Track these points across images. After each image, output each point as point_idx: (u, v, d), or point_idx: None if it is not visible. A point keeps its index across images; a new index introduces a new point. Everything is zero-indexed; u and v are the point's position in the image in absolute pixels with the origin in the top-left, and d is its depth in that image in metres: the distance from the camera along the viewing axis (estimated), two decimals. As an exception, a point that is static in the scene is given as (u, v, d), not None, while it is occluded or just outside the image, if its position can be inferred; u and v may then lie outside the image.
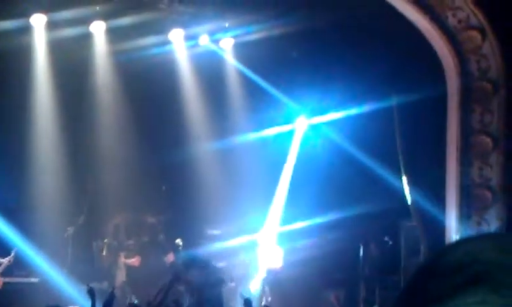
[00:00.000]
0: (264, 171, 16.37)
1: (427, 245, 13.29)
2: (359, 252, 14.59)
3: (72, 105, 15.20)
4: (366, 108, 15.00)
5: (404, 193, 13.84)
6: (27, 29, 14.61)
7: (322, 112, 16.18)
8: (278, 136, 16.66)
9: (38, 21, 14.56)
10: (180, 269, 11.51)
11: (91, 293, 9.53)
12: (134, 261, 13.79)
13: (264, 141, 16.49)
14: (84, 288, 9.90)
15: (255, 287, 14.15)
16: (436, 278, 0.89)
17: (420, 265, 0.95)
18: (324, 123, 16.32)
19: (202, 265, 11.64)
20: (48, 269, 14.09)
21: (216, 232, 15.79)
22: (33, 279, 13.81)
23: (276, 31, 14.76)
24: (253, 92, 16.21)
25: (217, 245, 15.32)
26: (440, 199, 12.22)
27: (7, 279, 12.61)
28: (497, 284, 0.85)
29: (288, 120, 16.68)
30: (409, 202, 13.74)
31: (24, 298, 12.93)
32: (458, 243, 0.93)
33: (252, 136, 16.47)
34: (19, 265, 13.23)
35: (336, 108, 15.84)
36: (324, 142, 16.23)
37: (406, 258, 14.32)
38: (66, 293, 13.33)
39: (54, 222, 14.83)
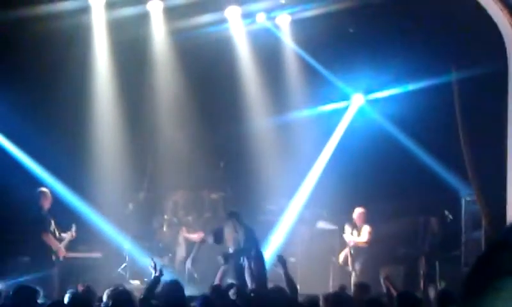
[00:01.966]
0: (320, 146, 16.40)
1: (488, 220, 13.19)
2: (419, 227, 14.51)
3: (130, 84, 15.38)
4: (424, 84, 14.89)
5: (464, 168, 13.75)
6: (85, 9, 14.79)
7: (379, 88, 16.10)
8: (335, 112, 16.64)
9: (96, 1, 14.73)
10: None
11: (155, 267, 9.65)
12: (196, 236, 13.92)
13: (320, 117, 16.49)
14: (149, 262, 10.03)
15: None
16: (507, 253, 0.91)
17: (495, 239, 0.97)
18: (380, 99, 16.25)
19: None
20: (111, 244, 14.37)
21: (274, 207, 15.86)
22: (96, 254, 14.07)
23: (332, 7, 14.70)
24: (309, 69, 16.20)
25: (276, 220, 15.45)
26: (500, 175, 12.11)
27: (70, 254, 12.83)
28: None
29: (344, 96, 16.64)
30: (470, 177, 13.64)
31: (87, 272, 13.19)
32: None
33: (308, 112, 16.48)
34: (82, 240, 13.47)
35: (394, 84, 15.75)
36: (378, 118, 16.16)
37: (467, 233, 14.23)
38: (129, 268, 13.58)
39: (115, 199, 15.08)
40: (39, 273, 11.80)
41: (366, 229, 13.95)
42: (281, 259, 10.08)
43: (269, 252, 14.26)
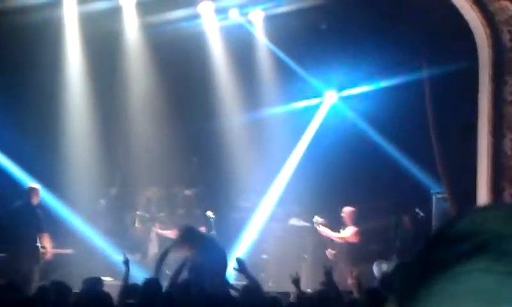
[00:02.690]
0: (293, 143, 16.44)
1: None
2: (391, 224, 14.59)
3: (102, 78, 15.30)
4: (397, 81, 14.98)
5: (435, 165, 13.86)
6: (57, 3, 14.70)
7: (352, 85, 16.16)
8: (307, 109, 16.67)
9: (68, -5, 14.65)
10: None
11: (127, 263, 9.65)
12: (170, 233, 13.88)
13: (293, 114, 16.52)
14: (119, 259, 10.02)
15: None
16: (442, 246, 0.91)
17: (430, 235, 0.98)
18: (352, 96, 16.32)
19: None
20: (82, 240, 14.29)
21: (247, 204, 15.86)
22: (68, 251, 14.01)
23: (305, 3, 14.74)
24: (282, 65, 16.22)
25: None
26: (471, 172, 12.21)
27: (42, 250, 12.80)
28: (500, 252, 0.88)
29: (317, 93, 16.68)
30: (440, 174, 13.76)
31: (60, 269, 13.12)
32: (466, 213, 0.95)
33: (281, 109, 16.50)
34: (54, 236, 13.39)
35: (366, 81, 15.82)
36: (351, 116, 16.24)
37: (438, 230, 14.31)
38: (101, 264, 13.51)
39: (86, 195, 15.00)
40: (20, 269, 11.79)
41: (351, 229, 13.97)
42: (240, 262, 9.81)
43: (241, 249, 14.29)
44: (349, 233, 13.94)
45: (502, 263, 0.88)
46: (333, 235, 14.04)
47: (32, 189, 12.86)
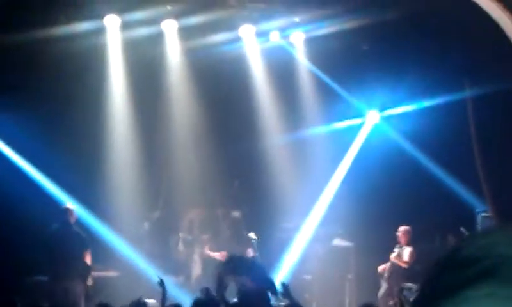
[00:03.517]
0: (335, 163, 16.41)
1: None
2: (436, 244, 14.45)
3: (145, 102, 15.47)
4: (439, 100, 14.88)
5: (479, 184, 13.71)
6: (101, 31, 14.92)
7: (394, 105, 16.10)
8: (350, 129, 16.65)
9: (111, 22, 14.86)
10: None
11: (162, 285, 9.68)
12: (219, 255, 13.86)
13: (335, 134, 16.51)
14: (157, 280, 10.09)
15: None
16: (449, 271, 0.93)
17: (438, 259, 1.00)
18: (394, 116, 16.25)
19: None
20: (126, 263, 14.41)
21: (289, 225, 15.85)
22: (112, 273, 14.13)
23: (346, 25, 14.74)
24: (323, 86, 16.24)
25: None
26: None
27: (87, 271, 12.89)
28: (506, 277, 0.89)
29: (359, 113, 16.65)
30: (485, 192, 13.60)
31: (104, 291, 13.22)
32: (474, 237, 0.97)
33: (323, 129, 16.50)
34: (98, 259, 13.53)
35: (408, 101, 15.75)
36: (393, 135, 16.16)
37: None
38: (144, 286, 13.60)
39: (130, 218, 15.14)
40: (66, 292, 11.88)
41: (408, 250, 13.79)
42: (284, 287, 9.82)
43: (284, 270, 14.27)
44: (409, 256, 13.71)
45: (506, 287, 0.90)
46: (397, 262, 13.76)
47: (68, 209, 12.96)
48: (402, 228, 13.84)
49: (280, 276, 14.21)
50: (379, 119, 16.61)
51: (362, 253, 14.76)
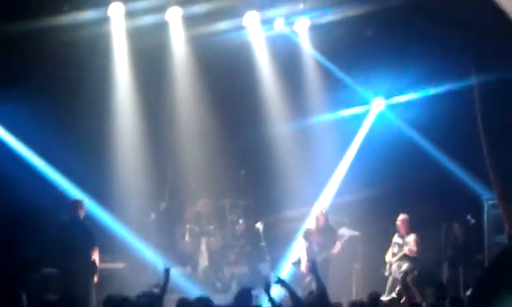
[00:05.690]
0: (341, 151, 16.40)
1: (510, 225, 13.12)
2: (442, 232, 14.42)
3: (150, 91, 15.44)
4: (445, 88, 14.84)
5: (486, 172, 13.70)
6: (105, 19, 14.86)
7: (399, 92, 16.06)
8: (355, 117, 16.61)
9: (115, 10, 14.79)
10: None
11: (167, 273, 9.61)
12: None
13: (340, 122, 16.48)
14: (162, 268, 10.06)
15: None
16: (507, 274, 0.93)
17: (506, 246, 0.99)
18: (400, 104, 16.22)
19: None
20: (133, 254, 14.42)
21: (295, 214, 15.82)
22: (120, 265, 14.14)
23: (350, 12, 14.68)
24: (328, 73, 16.20)
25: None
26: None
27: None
28: None
29: (364, 101, 16.61)
30: (491, 180, 13.59)
31: (112, 283, 13.24)
32: None
33: (328, 117, 16.46)
34: (105, 251, 13.51)
35: (414, 88, 15.70)
36: (399, 123, 16.14)
37: (490, 237, 14.13)
38: (152, 277, 13.62)
39: (137, 209, 15.11)
40: (75, 285, 11.84)
41: (412, 238, 13.73)
42: (313, 264, 9.87)
43: (291, 260, 14.28)
44: (414, 244, 13.65)
45: None
46: (413, 254, 13.65)
47: (78, 202, 12.76)
48: (401, 217, 13.80)
49: (287, 266, 14.27)
50: (384, 107, 16.57)
51: (369, 241, 14.76)
